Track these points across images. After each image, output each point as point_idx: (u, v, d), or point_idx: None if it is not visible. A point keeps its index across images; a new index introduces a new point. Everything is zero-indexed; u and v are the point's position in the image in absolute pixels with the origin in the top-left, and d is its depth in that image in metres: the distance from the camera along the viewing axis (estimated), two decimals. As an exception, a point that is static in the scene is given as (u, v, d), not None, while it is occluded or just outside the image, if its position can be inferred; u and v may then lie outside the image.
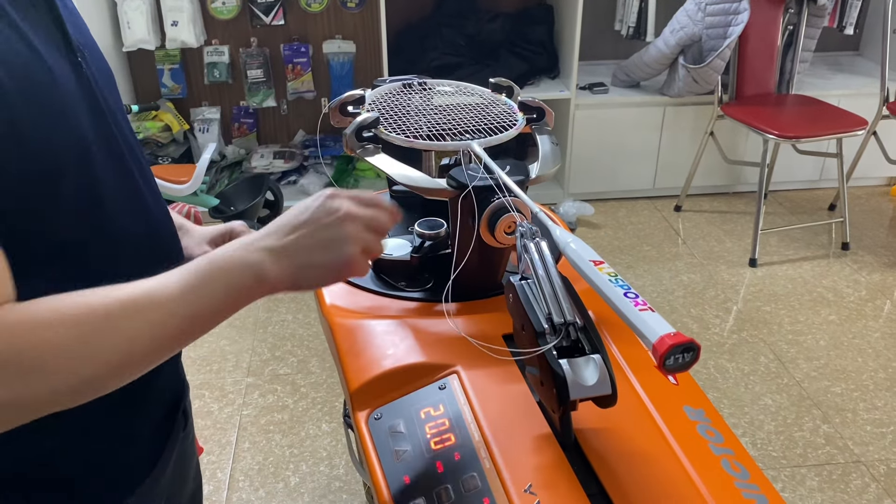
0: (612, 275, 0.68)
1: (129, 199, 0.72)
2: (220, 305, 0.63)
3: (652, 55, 3.16)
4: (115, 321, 0.57)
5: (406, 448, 0.78)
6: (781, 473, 1.97)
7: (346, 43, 3.33)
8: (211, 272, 0.62)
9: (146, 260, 0.72)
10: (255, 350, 2.47)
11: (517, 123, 1.02)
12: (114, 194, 0.69)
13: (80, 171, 0.64)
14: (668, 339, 0.59)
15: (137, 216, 0.73)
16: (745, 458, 0.74)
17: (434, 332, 0.91)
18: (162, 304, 0.59)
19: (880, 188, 3.61)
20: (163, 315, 0.59)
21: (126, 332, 0.57)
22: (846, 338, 2.52)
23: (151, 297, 0.59)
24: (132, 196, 0.73)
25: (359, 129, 0.96)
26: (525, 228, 0.78)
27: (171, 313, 0.60)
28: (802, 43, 3.18)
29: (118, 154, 0.71)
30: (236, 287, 0.63)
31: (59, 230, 0.63)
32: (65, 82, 0.62)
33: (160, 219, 0.78)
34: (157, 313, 0.59)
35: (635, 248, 3.09)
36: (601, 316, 0.92)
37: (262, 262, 0.64)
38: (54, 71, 0.61)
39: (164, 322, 0.59)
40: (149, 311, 0.59)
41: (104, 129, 0.68)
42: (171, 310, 0.60)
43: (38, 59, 0.60)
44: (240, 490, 1.93)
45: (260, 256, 0.65)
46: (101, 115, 0.68)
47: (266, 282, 0.65)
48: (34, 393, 0.53)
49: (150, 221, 0.76)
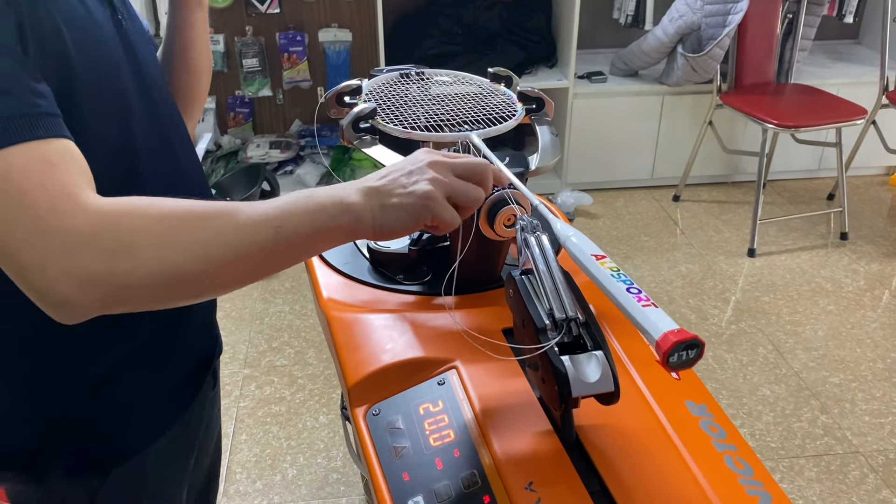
0: (615, 269, 0.67)
1: (158, 145, 0.78)
2: (307, 231, 0.64)
3: (650, 44, 3.14)
4: (205, 220, 0.61)
5: (405, 445, 0.76)
6: (780, 464, 1.97)
7: (343, 32, 3.30)
8: (306, 198, 0.65)
9: None
10: (252, 341, 2.46)
11: (516, 114, 1.00)
12: (145, 137, 0.75)
13: (120, 118, 0.71)
14: (672, 336, 0.58)
15: (166, 160, 0.79)
16: (749, 454, 0.73)
17: (433, 327, 0.90)
18: (253, 217, 0.62)
19: (879, 177, 3.60)
20: (252, 227, 0.62)
21: (213, 231, 0.61)
22: (845, 328, 2.51)
23: (244, 210, 0.62)
24: (161, 140, 0.79)
25: (356, 119, 0.94)
26: (525, 222, 0.77)
27: (260, 227, 0.62)
28: (802, 31, 3.16)
29: (150, 100, 0.77)
30: (324, 215, 0.65)
31: (97, 175, 0.66)
32: (110, 37, 0.71)
33: (188, 163, 0.84)
34: (248, 223, 0.62)
35: (633, 239, 3.08)
36: (602, 309, 0.91)
37: (352, 197, 0.66)
38: (102, 26, 0.70)
39: (251, 234, 0.62)
40: (240, 218, 0.62)
41: (137, 74, 0.75)
42: (260, 224, 0.62)
43: (90, 16, 0.68)
44: (237, 482, 1.92)
45: (352, 192, 0.67)
46: (137, 69, 0.75)
47: (353, 215, 0.66)
48: (125, 270, 0.57)
49: (178, 167, 0.82)
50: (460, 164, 0.71)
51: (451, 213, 0.69)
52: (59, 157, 0.58)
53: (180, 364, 0.87)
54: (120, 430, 0.81)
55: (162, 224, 0.59)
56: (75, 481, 0.79)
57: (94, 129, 0.68)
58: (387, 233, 0.68)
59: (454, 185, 0.69)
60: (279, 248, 0.63)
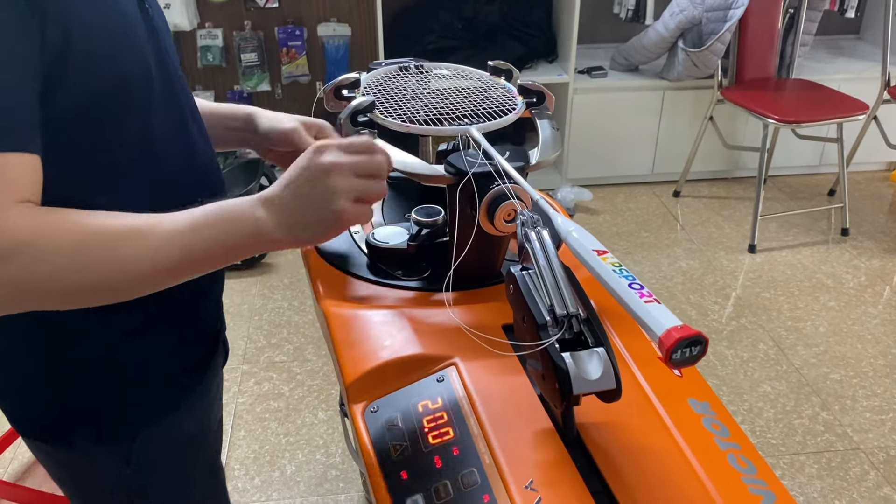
0: (616, 265, 0.66)
1: (175, 129, 0.80)
2: (217, 249, 0.68)
3: (651, 38, 3.12)
4: (116, 241, 0.64)
5: (403, 443, 0.75)
6: (780, 461, 1.96)
7: (342, 26, 3.28)
8: (217, 216, 0.68)
9: (187, 188, 0.79)
10: (251, 337, 2.45)
11: (517, 108, 0.99)
12: (163, 120, 0.77)
13: (141, 91, 0.73)
14: (675, 333, 0.57)
15: (182, 145, 0.81)
16: (752, 452, 0.72)
17: (432, 323, 0.89)
18: (165, 239, 0.66)
19: (880, 173, 3.59)
20: (163, 249, 0.66)
21: (124, 252, 0.64)
22: (845, 324, 2.50)
23: (158, 230, 0.66)
24: (178, 125, 0.80)
25: (354, 113, 0.93)
26: (526, 217, 0.75)
27: (171, 249, 0.66)
28: (803, 26, 3.14)
29: (170, 84, 0.79)
30: (234, 235, 0.69)
31: (113, 148, 0.71)
32: (132, 11, 0.73)
33: (203, 150, 0.86)
34: (159, 245, 0.66)
35: (633, 234, 3.07)
36: (602, 305, 0.90)
37: (260, 216, 0.69)
38: (128, 12, 0.72)
39: (161, 255, 0.66)
40: (151, 241, 0.65)
41: (159, 56, 0.77)
42: (171, 245, 0.66)
43: (117, 3, 0.70)
44: (235, 479, 1.91)
45: (260, 211, 0.69)
46: (157, 45, 0.77)
47: (264, 234, 0.69)
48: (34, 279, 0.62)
49: (193, 151, 0.83)
50: (358, 164, 0.72)
51: (363, 214, 0.73)
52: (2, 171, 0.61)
53: (196, 334, 0.91)
54: (139, 397, 0.85)
55: (70, 253, 0.62)
56: (105, 446, 0.85)
57: (119, 111, 0.71)
58: (302, 244, 0.72)
59: (359, 189, 0.72)
60: (188, 265, 0.68)
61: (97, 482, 0.90)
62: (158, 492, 0.93)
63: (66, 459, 0.88)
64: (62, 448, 0.85)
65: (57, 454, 0.87)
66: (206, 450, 1.00)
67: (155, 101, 0.76)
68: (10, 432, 1.94)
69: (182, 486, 0.97)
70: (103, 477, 0.89)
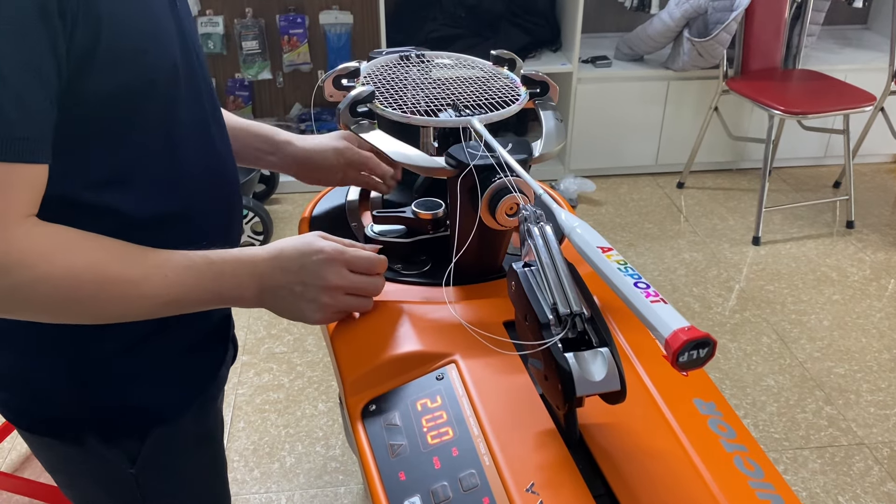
0: (622, 263, 0.64)
1: (197, 131, 0.80)
2: (202, 307, 0.77)
3: (656, 28, 3.09)
4: (108, 285, 0.68)
5: (401, 442, 0.74)
6: (783, 455, 1.94)
7: (344, 14, 3.25)
8: (211, 279, 0.75)
9: (201, 191, 0.81)
10: (251, 328, 2.43)
11: (520, 98, 0.97)
12: (185, 122, 0.77)
13: (166, 91, 0.73)
14: (682, 334, 0.55)
15: (201, 147, 0.81)
16: (759, 454, 0.70)
17: (431, 319, 0.87)
18: (156, 288, 0.71)
19: (886, 165, 3.56)
20: (152, 299, 0.71)
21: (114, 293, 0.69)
22: (850, 318, 2.48)
23: (152, 278, 0.71)
24: (200, 126, 0.81)
25: (353, 103, 0.91)
26: (529, 212, 0.73)
27: (159, 300, 0.72)
28: (810, 16, 3.11)
29: (195, 86, 0.79)
30: (221, 301, 0.77)
31: (135, 147, 0.72)
32: (163, 13, 0.72)
33: (224, 155, 0.86)
34: (149, 294, 0.71)
35: (637, 226, 3.05)
36: (606, 301, 0.88)
37: (251, 294, 0.78)
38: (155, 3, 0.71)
39: (148, 304, 0.71)
40: (143, 289, 0.70)
41: (187, 58, 0.77)
42: (161, 297, 0.71)
43: None
44: (234, 470, 1.90)
45: (251, 288, 0.77)
46: (185, 47, 0.76)
47: (247, 304, 0.79)
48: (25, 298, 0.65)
49: (211, 154, 0.83)
50: (355, 259, 0.80)
51: (354, 306, 0.83)
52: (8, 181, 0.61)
53: (208, 334, 0.92)
54: (152, 396, 0.85)
55: (64, 288, 0.66)
56: (114, 444, 0.85)
57: (142, 111, 0.71)
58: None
59: (353, 284, 0.81)
60: (172, 312, 0.74)
61: (98, 478, 0.90)
62: (158, 487, 0.92)
63: (69, 455, 0.87)
64: (69, 445, 0.85)
65: (62, 450, 0.87)
66: (213, 445, 0.99)
67: (179, 103, 0.75)
68: (8, 423, 1.92)
69: (183, 482, 0.96)
70: (105, 473, 0.89)
